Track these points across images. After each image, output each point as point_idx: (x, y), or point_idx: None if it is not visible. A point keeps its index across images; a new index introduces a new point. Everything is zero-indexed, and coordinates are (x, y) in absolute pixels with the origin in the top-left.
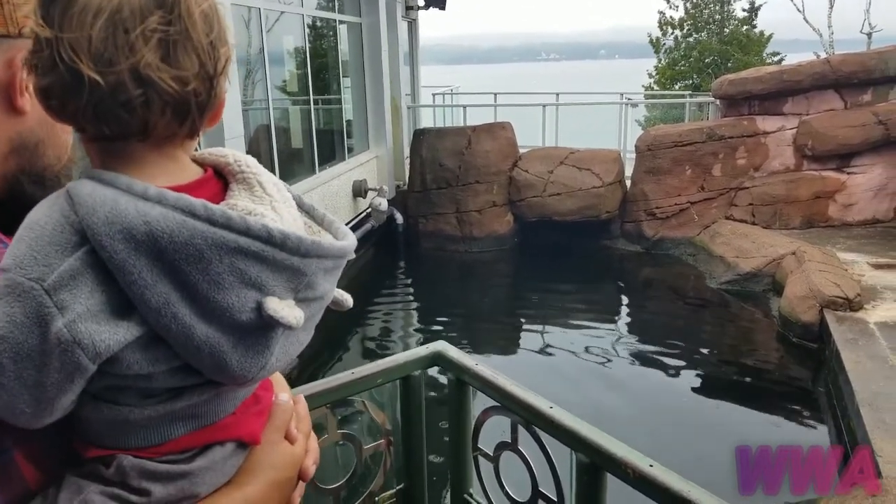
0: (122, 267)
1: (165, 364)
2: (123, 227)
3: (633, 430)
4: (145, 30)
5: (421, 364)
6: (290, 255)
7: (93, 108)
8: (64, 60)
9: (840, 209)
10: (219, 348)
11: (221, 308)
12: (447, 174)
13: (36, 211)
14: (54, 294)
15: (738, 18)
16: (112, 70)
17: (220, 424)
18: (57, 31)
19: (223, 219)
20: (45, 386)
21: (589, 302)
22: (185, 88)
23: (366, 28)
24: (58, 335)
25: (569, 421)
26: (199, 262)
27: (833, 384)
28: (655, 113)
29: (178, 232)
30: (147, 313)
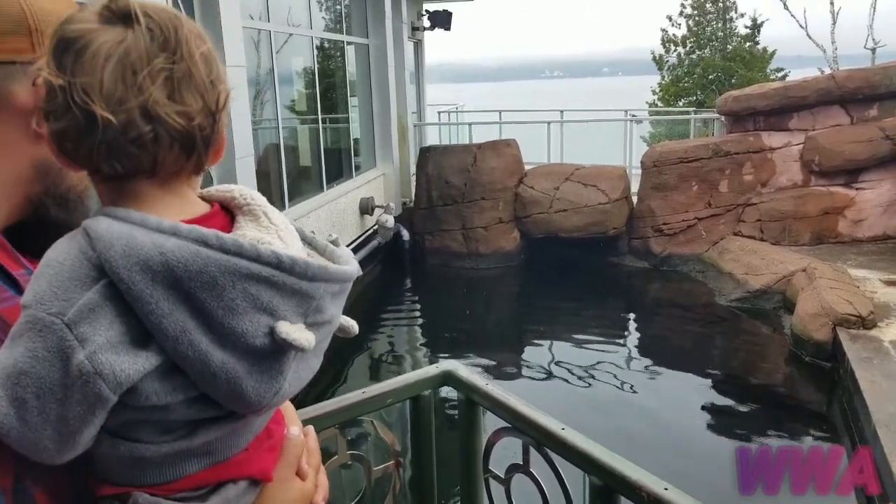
0: (140, 297)
1: (183, 394)
2: (140, 258)
3: (644, 450)
4: (152, 70)
5: (430, 384)
6: (299, 279)
7: (106, 147)
8: (77, 103)
9: (850, 225)
10: (234, 374)
11: (236, 333)
12: (453, 191)
13: (54, 249)
14: (74, 327)
15: (741, 35)
16: (123, 108)
17: (233, 461)
18: (69, 77)
19: (235, 247)
20: (67, 420)
21: (597, 319)
22: (191, 123)
23: (373, 49)
24: (79, 367)
25: (581, 443)
26: (213, 289)
27: (848, 404)
28: (660, 129)
29: (193, 261)
30: (165, 342)
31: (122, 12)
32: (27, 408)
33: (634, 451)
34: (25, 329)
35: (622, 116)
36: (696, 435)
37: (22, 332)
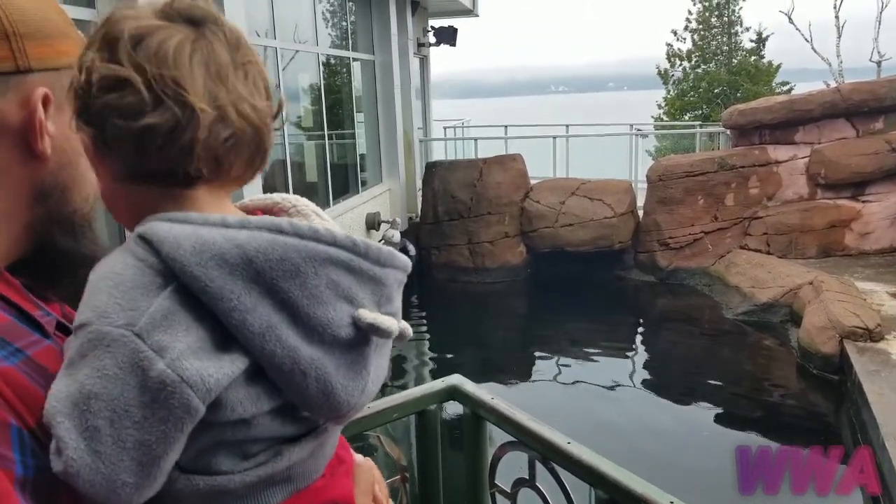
0: (220, 294)
1: (268, 402)
2: (214, 253)
3: (651, 464)
4: (233, 70)
5: (436, 398)
6: (373, 264)
7: (201, 145)
8: (170, 96)
9: (856, 238)
10: (324, 371)
11: (322, 324)
12: (459, 206)
13: (104, 264)
14: (148, 337)
15: (746, 49)
16: (217, 104)
17: (314, 488)
18: (154, 69)
19: (311, 232)
20: (149, 445)
21: (603, 333)
22: (265, 122)
23: (379, 65)
24: (161, 377)
25: (587, 456)
26: (296, 277)
27: (856, 417)
28: (666, 143)
29: (272, 249)
30: (250, 340)
31: (186, 14)
32: (100, 437)
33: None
34: (88, 349)
35: (627, 131)
36: (703, 448)
37: (84, 352)
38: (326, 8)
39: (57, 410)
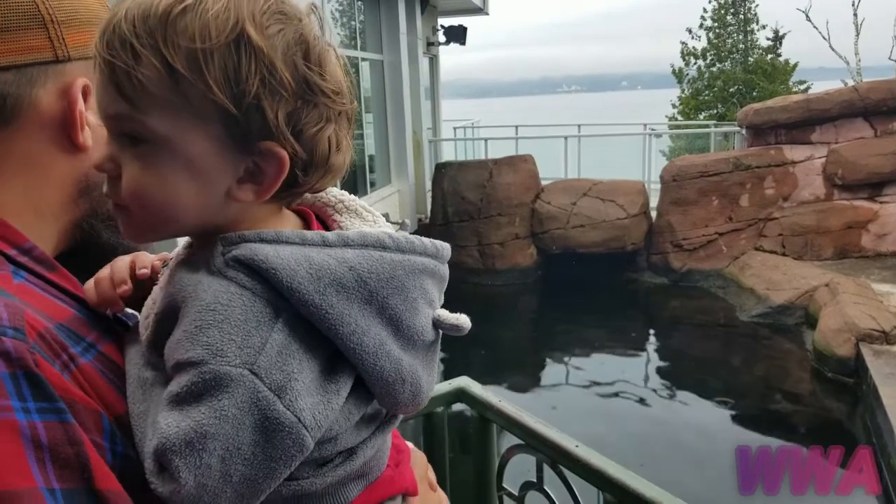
0: (340, 320)
1: (357, 413)
2: (333, 279)
3: (664, 467)
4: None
5: (443, 401)
6: (442, 263)
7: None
8: (321, 92)
9: (873, 239)
10: (417, 374)
11: (417, 332)
12: (469, 207)
13: (204, 294)
14: (266, 376)
15: (762, 47)
16: (346, 106)
17: (383, 479)
18: (306, 63)
19: (408, 245)
20: (255, 480)
21: (616, 336)
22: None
23: (387, 65)
24: (280, 419)
25: (596, 460)
26: (401, 293)
27: (871, 421)
28: (680, 143)
29: (381, 268)
30: (364, 360)
31: (293, 11)
32: (210, 473)
33: (654, 467)
34: (204, 388)
35: (640, 130)
36: (717, 451)
37: (199, 392)
38: (335, 7)
39: (168, 447)
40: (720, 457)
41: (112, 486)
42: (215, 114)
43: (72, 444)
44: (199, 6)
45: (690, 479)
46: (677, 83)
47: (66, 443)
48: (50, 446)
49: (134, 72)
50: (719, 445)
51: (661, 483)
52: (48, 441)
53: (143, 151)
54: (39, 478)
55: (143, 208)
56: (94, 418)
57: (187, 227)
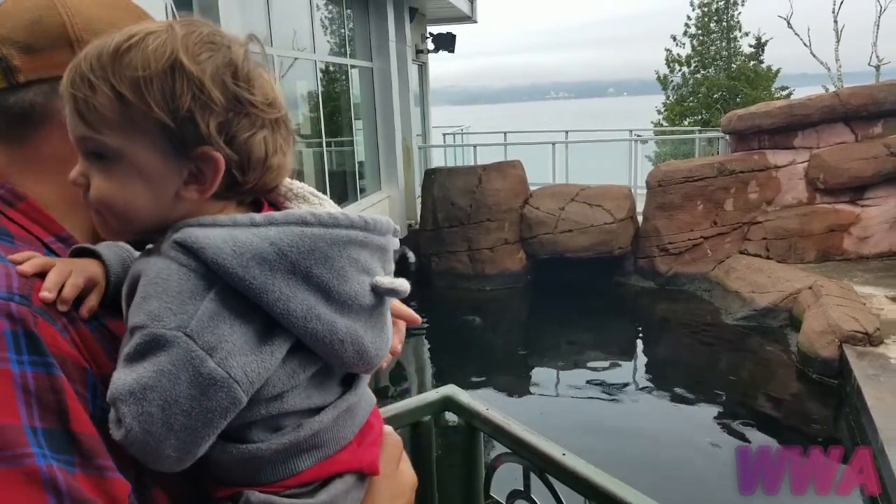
0: (264, 289)
1: (301, 372)
2: (253, 253)
3: (651, 471)
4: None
5: (431, 409)
6: (378, 235)
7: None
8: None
9: (855, 242)
10: (357, 335)
11: (350, 297)
12: (458, 213)
13: (149, 270)
14: (198, 338)
15: (746, 54)
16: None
17: (341, 455)
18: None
19: (331, 219)
20: (194, 429)
21: (603, 339)
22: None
23: (377, 72)
24: (211, 374)
25: (582, 468)
26: (325, 262)
27: (855, 421)
28: (665, 149)
29: (302, 242)
30: (294, 323)
31: (247, 47)
32: (152, 421)
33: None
34: (145, 348)
35: (627, 136)
36: (704, 454)
37: (142, 351)
38: (325, 15)
39: (117, 396)
40: (707, 457)
41: (85, 430)
42: (157, 128)
43: (54, 392)
44: (142, 42)
45: (677, 481)
46: (662, 90)
47: (50, 391)
48: (36, 392)
49: (91, 100)
50: (706, 446)
51: (648, 483)
52: (35, 388)
53: (104, 165)
54: (24, 417)
55: (109, 212)
56: (80, 373)
57: (148, 224)
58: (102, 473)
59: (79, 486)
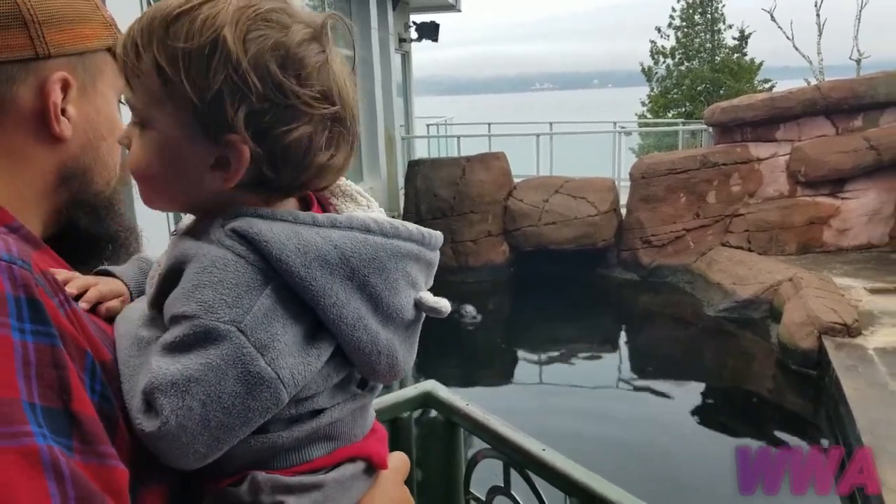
0: (322, 292)
1: (335, 377)
2: (318, 255)
3: (634, 461)
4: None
5: (410, 405)
6: (430, 250)
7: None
8: (341, 97)
9: (835, 234)
10: (394, 349)
11: (397, 310)
12: (442, 204)
13: (201, 257)
14: (251, 334)
15: (729, 47)
16: (353, 111)
17: (352, 445)
18: (293, 82)
19: (392, 230)
20: (231, 427)
21: (586, 331)
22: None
23: (358, 61)
24: (261, 374)
25: (561, 464)
26: (382, 273)
27: (834, 412)
28: (649, 141)
29: (364, 249)
30: (342, 331)
31: (318, 30)
32: (191, 415)
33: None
34: (194, 339)
35: (611, 128)
36: (686, 444)
37: (190, 343)
38: (305, 2)
39: (156, 386)
40: (689, 448)
41: (87, 411)
42: (188, 106)
43: (56, 367)
44: (195, 11)
45: (659, 469)
46: (647, 81)
47: (52, 365)
48: (37, 365)
49: (135, 67)
50: (687, 437)
51: (630, 473)
52: (36, 360)
53: (141, 132)
54: (24, 391)
55: (140, 179)
56: (80, 354)
57: (179, 202)
58: (103, 461)
59: (81, 472)
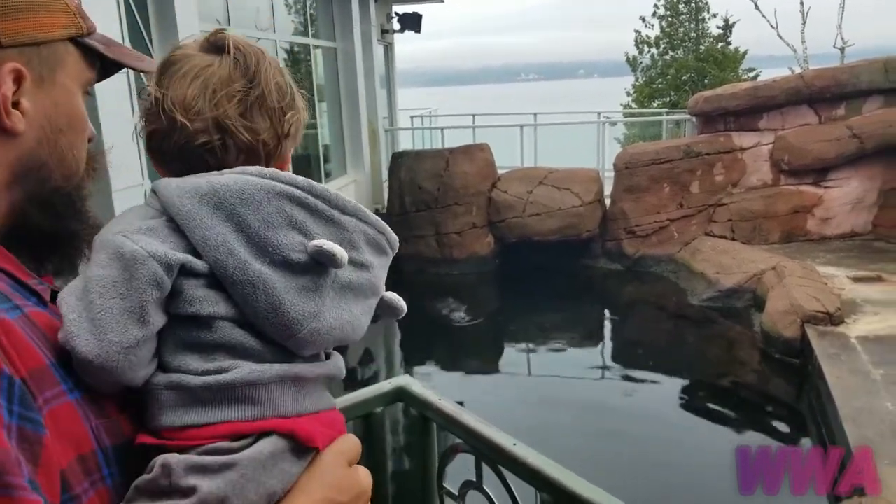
0: (189, 215)
1: (225, 308)
2: (191, 188)
3: (618, 449)
4: (229, 91)
5: (383, 400)
6: (331, 207)
7: (179, 150)
8: (165, 111)
9: (818, 223)
10: (272, 285)
11: (272, 245)
12: (426, 196)
13: (129, 209)
14: (133, 237)
15: (713, 36)
16: (200, 118)
17: (278, 419)
18: (164, 90)
19: (272, 174)
20: (130, 311)
21: (571, 322)
22: (257, 138)
23: (341, 53)
24: (133, 254)
25: (532, 459)
26: (250, 204)
27: (816, 400)
28: (634, 131)
29: (235, 183)
30: (208, 252)
31: (217, 43)
32: (93, 308)
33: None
34: (94, 252)
35: (595, 119)
36: (669, 433)
37: (91, 256)
38: None
39: (64, 296)
40: (672, 437)
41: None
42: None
43: None
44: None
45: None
46: (631, 71)
47: None
48: None
49: None
50: (670, 426)
51: (614, 465)
52: None
53: None
54: None
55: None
56: None
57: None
58: (10, 492)
59: None
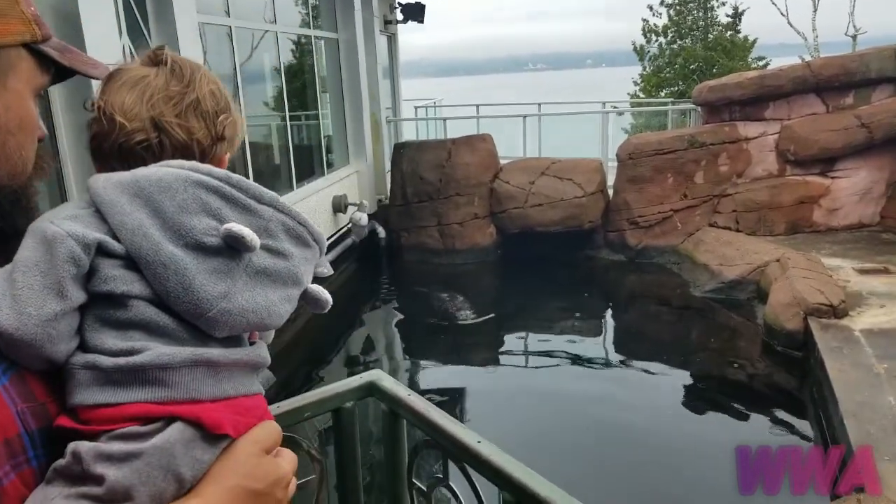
0: (111, 202)
1: (139, 288)
2: (116, 180)
3: (618, 442)
4: (166, 95)
5: (353, 395)
6: (247, 196)
7: (118, 149)
8: (106, 115)
9: (825, 214)
10: (183, 266)
11: (185, 228)
12: (428, 187)
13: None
14: (57, 221)
15: (722, 24)
16: (137, 118)
17: (189, 404)
18: (106, 97)
19: (191, 166)
20: (50, 287)
21: (573, 313)
22: (191, 137)
23: (343, 44)
24: (54, 234)
25: (495, 457)
26: (167, 191)
27: (818, 394)
28: (641, 121)
29: (155, 173)
30: (125, 235)
31: (157, 58)
32: (16, 285)
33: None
34: (24, 238)
35: (599, 108)
36: (671, 425)
37: (22, 242)
38: None
39: None
40: (672, 430)
41: None
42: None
43: None
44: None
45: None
46: (639, 60)
47: None
48: None
49: None
50: (671, 418)
51: (614, 458)
52: None
53: None
54: None
55: None
56: None
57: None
58: None
59: None
